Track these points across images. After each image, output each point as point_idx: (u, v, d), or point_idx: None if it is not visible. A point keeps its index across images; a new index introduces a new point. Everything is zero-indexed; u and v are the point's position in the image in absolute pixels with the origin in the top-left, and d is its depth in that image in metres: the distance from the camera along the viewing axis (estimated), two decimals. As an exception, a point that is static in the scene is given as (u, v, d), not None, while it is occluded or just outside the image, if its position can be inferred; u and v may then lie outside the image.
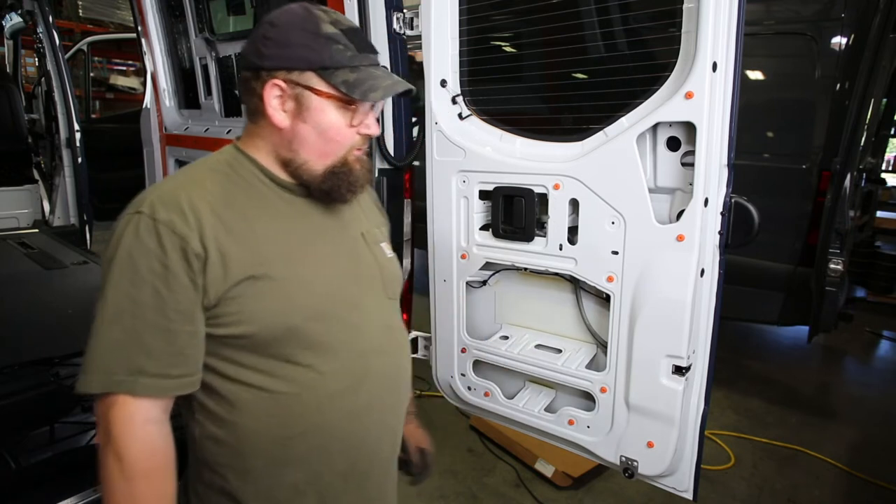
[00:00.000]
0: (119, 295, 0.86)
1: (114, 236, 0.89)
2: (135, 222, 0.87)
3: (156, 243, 0.86)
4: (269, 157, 1.00)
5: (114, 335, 0.86)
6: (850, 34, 3.18)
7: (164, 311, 0.86)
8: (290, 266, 0.96)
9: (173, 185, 0.94)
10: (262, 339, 0.92)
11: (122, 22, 6.99)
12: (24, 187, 4.46)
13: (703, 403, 1.40)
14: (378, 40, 1.68)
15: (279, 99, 0.95)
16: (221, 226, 0.91)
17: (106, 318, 0.86)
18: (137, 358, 0.86)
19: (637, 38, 1.43)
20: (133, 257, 0.86)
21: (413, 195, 1.89)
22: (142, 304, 0.86)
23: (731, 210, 1.29)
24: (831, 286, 3.06)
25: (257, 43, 0.96)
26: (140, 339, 0.86)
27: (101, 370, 0.86)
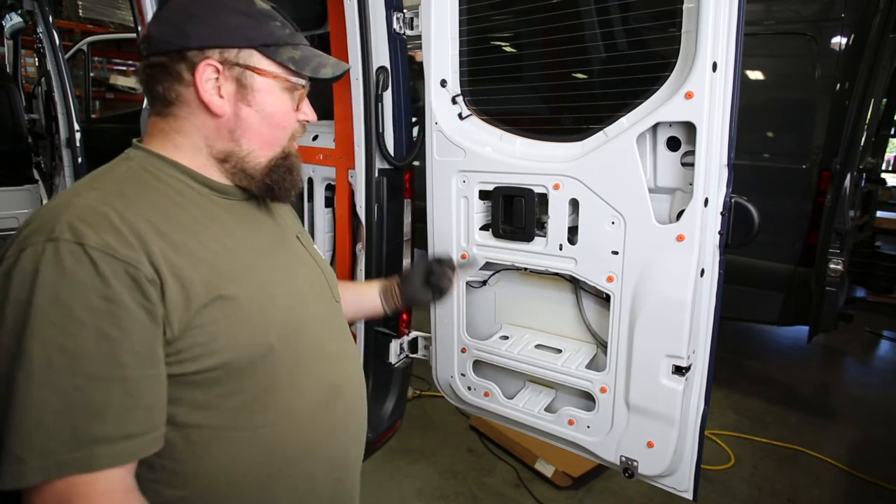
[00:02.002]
0: (46, 350, 0.66)
1: (14, 274, 0.68)
2: (51, 253, 0.68)
3: (91, 274, 0.68)
4: (198, 155, 0.86)
5: (47, 403, 0.65)
6: (850, 34, 3.18)
7: (115, 356, 0.68)
8: (252, 280, 0.84)
9: (89, 199, 0.74)
10: (236, 368, 0.80)
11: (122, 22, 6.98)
12: (24, 187, 4.47)
13: (703, 403, 1.40)
14: (378, 40, 1.68)
15: (214, 82, 0.82)
16: (166, 243, 0.75)
17: (32, 383, 0.65)
18: (87, 424, 0.67)
19: (637, 38, 1.43)
20: (60, 298, 0.67)
21: (413, 195, 1.89)
22: (82, 356, 0.67)
23: (731, 210, 1.29)
24: (831, 286, 3.06)
25: (175, 20, 0.82)
26: (86, 399, 0.67)
27: (36, 453, 0.65)
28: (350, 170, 1.83)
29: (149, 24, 0.85)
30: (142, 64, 0.85)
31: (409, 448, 2.98)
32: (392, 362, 1.92)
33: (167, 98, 0.84)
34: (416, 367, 2.02)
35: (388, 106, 1.72)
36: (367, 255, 1.81)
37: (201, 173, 0.86)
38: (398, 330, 1.90)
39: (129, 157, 0.85)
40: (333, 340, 0.98)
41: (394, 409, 1.94)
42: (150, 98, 0.86)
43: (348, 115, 1.76)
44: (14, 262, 0.69)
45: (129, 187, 0.79)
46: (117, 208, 0.74)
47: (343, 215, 1.94)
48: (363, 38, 1.65)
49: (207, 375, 0.78)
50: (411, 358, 1.97)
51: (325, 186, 2.03)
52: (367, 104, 1.70)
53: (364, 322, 1.86)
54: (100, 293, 0.68)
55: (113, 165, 0.84)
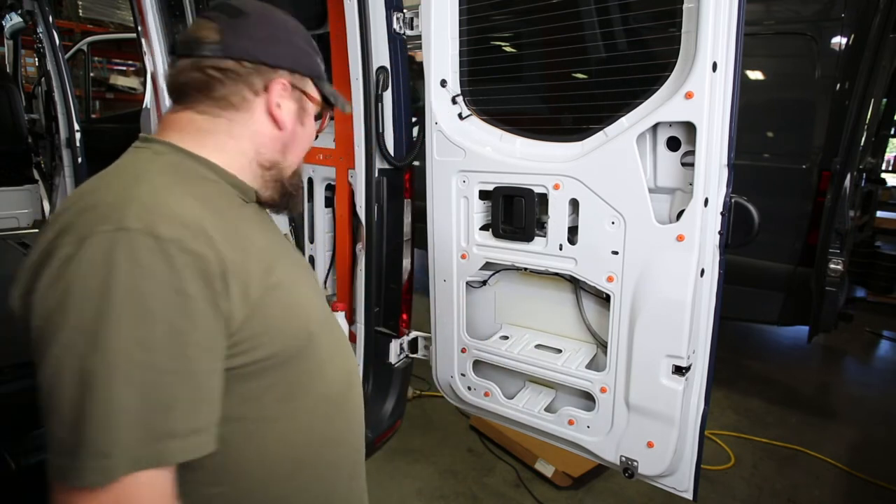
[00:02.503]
0: (126, 343, 0.65)
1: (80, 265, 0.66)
2: (126, 244, 0.66)
3: (165, 266, 0.67)
4: (240, 158, 0.89)
5: (127, 397, 0.64)
6: (850, 34, 3.18)
7: (185, 351, 0.69)
8: (286, 272, 0.88)
9: (147, 191, 0.74)
10: (283, 357, 0.83)
11: (122, 22, 6.98)
12: (24, 187, 4.47)
13: (703, 403, 1.40)
14: (378, 40, 1.68)
15: (283, 99, 0.91)
16: (223, 237, 0.76)
17: (114, 376, 0.64)
18: (163, 418, 0.67)
19: (637, 38, 1.43)
20: (137, 289, 0.66)
21: (413, 195, 1.89)
22: (156, 349, 0.66)
23: (731, 210, 1.29)
24: (831, 286, 3.06)
25: (258, 36, 0.88)
26: (159, 393, 0.67)
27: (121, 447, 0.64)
28: (350, 170, 1.83)
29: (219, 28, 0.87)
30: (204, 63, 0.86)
31: (409, 448, 2.98)
32: (392, 362, 1.92)
33: (230, 101, 0.87)
34: (416, 367, 2.02)
35: (388, 106, 1.73)
36: (367, 255, 1.81)
37: (234, 174, 0.89)
38: (398, 330, 1.90)
39: (159, 151, 0.84)
40: (336, 334, 1.02)
41: (394, 409, 1.94)
42: (197, 96, 0.87)
43: (348, 116, 1.76)
44: (75, 250, 0.67)
45: (177, 181, 0.79)
46: (179, 201, 0.74)
47: (343, 215, 1.94)
48: (363, 38, 1.65)
49: (258, 366, 0.80)
50: (411, 358, 1.97)
51: (325, 186, 2.03)
52: (367, 104, 1.70)
53: (364, 322, 1.86)
54: (173, 286, 0.68)
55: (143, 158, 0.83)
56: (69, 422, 0.64)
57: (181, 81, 0.88)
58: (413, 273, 1.97)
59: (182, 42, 0.88)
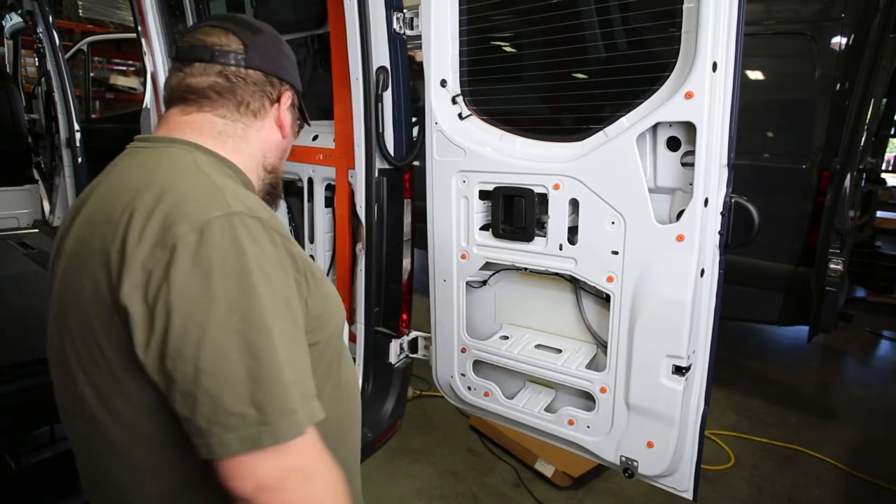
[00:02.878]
0: (271, 315, 0.72)
1: (215, 249, 0.71)
2: (244, 225, 0.73)
3: (271, 245, 0.75)
4: (251, 161, 0.96)
5: (287, 365, 0.72)
6: (850, 34, 3.18)
7: (296, 321, 0.77)
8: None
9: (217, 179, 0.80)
10: (324, 343, 0.88)
11: (122, 22, 6.98)
12: (24, 187, 4.47)
13: (703, 403, 1.40)
14: (378, 40, 1.68)
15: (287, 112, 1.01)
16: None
17: (274, 346, 0.71)
18: (306, 381, 0.75)
19: (637, 38, 1.43)
20: (263, 266, 0.72)
21: (413, 195, 1.89)
22: (284, 320, 0.74)
23: (731, 210, 1.29)
24: (831, 286, 3.06)
25: (271, 51, 0.98)
26: (298, 359, 0.75)
27: (299, 404, 0.71)
28: (350, 170, 1.83)
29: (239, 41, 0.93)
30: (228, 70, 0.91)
31: (409, 448, 2.98)
32: (392, 362, 1.92)
33: (251, 107, 0.95)
34: (416, 367, 2.02)
35: (388, 106, 1.72)
36: (367, 255, 1.81)
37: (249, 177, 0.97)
38: (398, 330, 1.90)
39: (189, 150, 0.86)
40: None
41: (394, 409, 1.94)
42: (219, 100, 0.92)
43: (348, 115, 1.76)
44: (199, 237, 0.70)
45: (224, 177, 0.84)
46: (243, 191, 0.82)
47: (343, 215, 1.94)
48: (363, 38, 1.65)
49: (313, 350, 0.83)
50: (411, 358, 1.97)
51: (325, 186, 2.03)
52: (367, 104, 1.70)
53: (364, 322, 1.86)
54: (280, 263, 0.76)
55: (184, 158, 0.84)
56: (248, 392, 0.68)
57: (200, 85, 0.91)
58: (413, 273, 1.97)
59: (197, 47, 0.91)
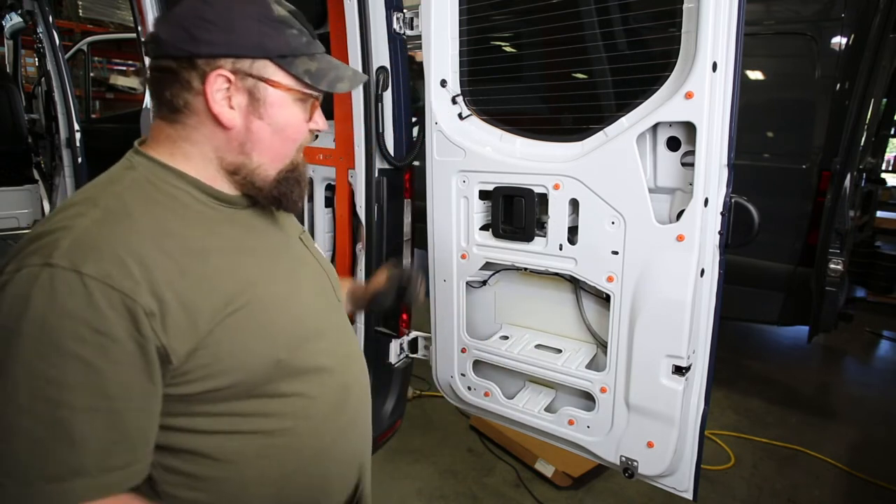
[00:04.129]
0: (32, 379, 0.64)
1: (5, 296, 0.66)
2: (45, 279, 0.65)
3: (84, 304, 0.65)
4: (208, 166, 0.82)
5: (28, 431, 0.64)
6: (850, 34, 3.18)
7: (101, 388, 0.66)
8: (258, 296, 0.82)
9: (91, 220, 0.71)
10: (246, 385, 0.79)
11: (122, 22, 6.98)
12: (24, 187, 4.47)
13: (703, 403, 1.40)
14: (378, 40, 1.68)
15: (225, 93, 0.78)
16: (173, 266, 0.72)
17: (13, 410, 0.64)
18: (67, 456, 0.65)
19: (637, 38, 1.43)
20: (50, 326, 0.64)
21: (413, 195, 1.89)
22: (68, 387, 0.65)
23: (731, 210, 1.29)
24: (831, 286, 3.06)
25: (186, 24, 0.77)
26: (67, 430, 0.65)
27: (16, 480, 0.64)
28: (350, 170, 1.83)
29: (156, 23, 0.82)
30: (148, 65, 0.81)
31: (409, 448, 2.98)
32: (392, 362, 1.92)
33: (175, 105, 0.80)
34: (416, 367, 2.02)
35: (388, 106, 1.73)
36: (367, 255, 1.81)
37: (210, 185, 0.83)
38: (398, 330, 1.90)
39: (133, 165, 0.80)
40: (340, 342, 0.97)
41: (394, 409, 1.94)
42: (156, 101, 0.82)
43: (348, 115, 1.76)
44: (8, 281, 0.67)
45: (135, 204, 0.75)
46: (122, 232, 0.71)
47: (343, 215, 1.94)
48: (363, 38, 1.65)
49: (216, 394, 0.77)
50: (411, 358, 1.97)
51: (325, 186, 2.03)
52: (367, 104, 1.70)
53: (364, 322, 1.86)
54: (91, 325, 0.66)
55: (116, 175, 0.80)
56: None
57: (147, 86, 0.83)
58: (413, 273, 1.97)
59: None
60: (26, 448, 0.64)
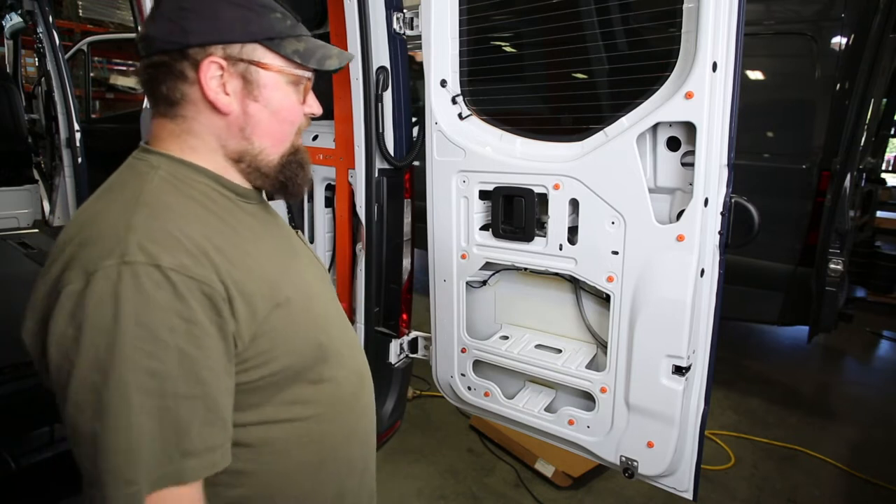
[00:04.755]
0: (138, 375, 0.66)
1: (89, 300, 0.67)
2: (129, 277, 0.67)
3: (171, 296, 0.68)
4: (215, 157, 0.84)
5: (144, 426, 0.67)
6: (850, 34, 3.18)
7: (196, 375, 0.70)
8: (293, 283, 0.87)
9: (146, 217, 0.73)
10: (294, 369, 0.84)
11: (122, 22, 6.98)
12: (24, 187, 4.47)
13: (703, 403, 1.40)
14: (378, 40, 1.68)
15: (219, 79, 0.80)
16: (225, 258, 0.76)
17: (129, 407, 0.66)
18: (178, 440, 0.69)
19: (637, 38, 1.43)
20: (145, 322, 0.67)
21: (413, 195, 1.89)
22: (169, 377, 0.68)
23: (731, 210, 1.29)
24: (831, 286, 3.06)
25: (174, 17, 0.78)
26: (177, 417, 0.69)
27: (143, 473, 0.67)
28: (350, 170, 1.83)
29: (146, 23, 0.82)
30: (141, 64, 0.83)
31: (409, 448, 2.98)
32: (392, 362, 1.92)
33: (172, 98, 0.81)
34: (416, 367, 2.02)
35: (388, 106, 1.73)
36: (367, 255, 1.81)
37: (225, 177, 0.85)
38: (398, 330, 1.90)
39: (155, 165, 0.81)
40: (346, 332, 1.01)
41: (394, 409, 1.94)
42: (153, 99, 0.84)
43: (348, 115, 1.76)
44: (85, 286, 0.68)
45: (174, 201, 0.77)
46: (179, 226, 0.74)
47: (343, 215, 1.94)
48: (363, 38, 1.65)
49: (272, 379, 0.81)
50: (411, 358, 1.97)
51: (325, 186, 2.03)
52: (367, 104, 1.70)
53: (364, 322, 1.86)
54: (179, 314, 0.69)
55: (141, 174, 0.80)
56: (90, 455, 0.67)
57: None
58: (413, 273, 1.97)
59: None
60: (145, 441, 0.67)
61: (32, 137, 4.58)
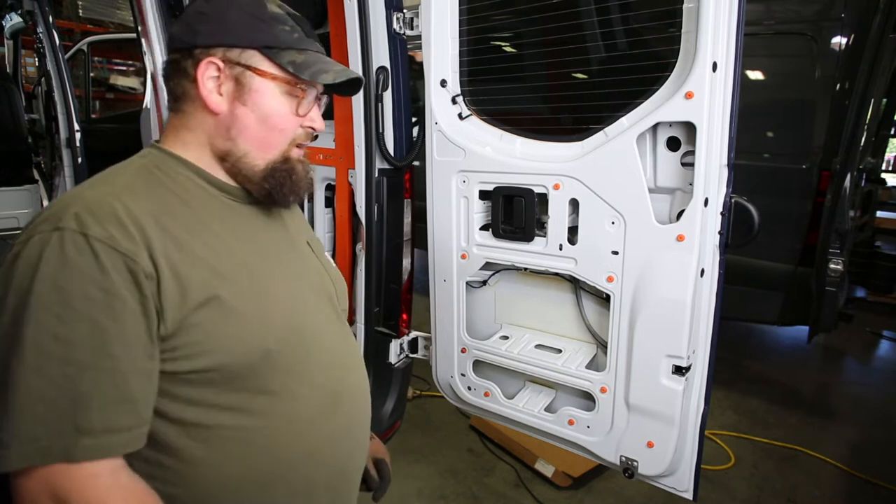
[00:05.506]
0: (42, 336, 0.67)
1: (19, 261, 0.70)
2: (55, 242, 0.69)
3: (91, 264, 0.69)
4: (203, 152, 0.88)
5: (38, 390, 0.66)
6: (850, 34, 3.18)
7: (106, 347, 0.69)
8: (252, 282, 0.84)
9: (99, 192, 0.76)
10: (232, 371, 0.80)
11: (122, 22, 6.99)
12: (25, 187, 4.47)
13: (703, 403, 1.40)
14: (378, 40, 1.68)
15: (215, 80, 0.84)
16: (169, 240, 0.76)
17: (24, 368, 0.66)
18: (73, 414, 0.67)
19: (637, 37, 1.43)
20: (60, 286, 0.68)
21: (413, 195, 1.89)
22: (76, 344, 0.68)
23: (731, 210, 1.29)
24: (831, 286, 3.06)
25: (189, 19, 0.86)
26: (76, 388, 0.67)
27: (21, 438, 0.66)
28: (350, 170, 1.83)
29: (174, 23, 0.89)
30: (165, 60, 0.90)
31: (409, 448, 2.98)
32: (392, 362, 1.92)
33: (176, 93, 0.88)
34: (416, 367, 2.02)
35: (388, 106, 1.73)
36: (367, 255, 1.81)
37: (208, 171, 0.88)
38: (398, 330, 1.90)
39: (144, 154, 0.88)
40: (334, 349, 0.97)
41: (394, 409, 1.94)
42: (167, 94, 0.90)
43: (348, 115, 1.76)
44: (21, 249, 0.71)
45: (139, 183, 0.81)
46: (124, 202, 0.75)
47: (343, 215, 1.94)
48: (363, 38, 1.65)
49: (203, 375, 0.78)
50: (411, 358, 1.97)
51: (325, 186, 2.03)
52: (367, 104, 1.70)
53: (364, 322, 1.86)
54: (98, 284, 0.69)
55: (128, 162, 0.87)
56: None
57: None
58: (413, 273, 1.97)
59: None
60: (34, 406, 0.66)
61: (32, 137, 4.59)
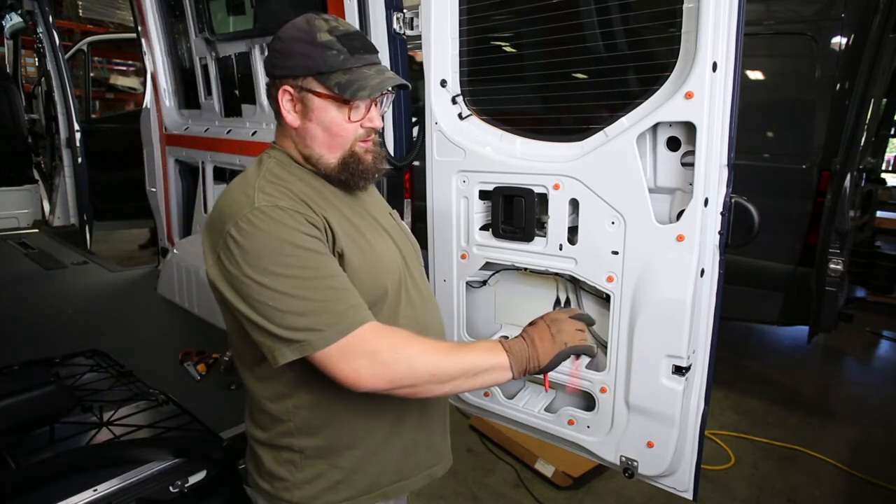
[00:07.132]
0: (292, 269, 0.97)
1: (242, 237, 0.98)
2: (260, 214, 0.98)
3: (291, 220, 0.99)
4: (297, 154, 1.14)
5: (298, 303, 0.96)
6: (850, 34, 3.18)
7: (328, 264, 1.01)
8: (367, 239, 1.12)
9: (265, 182, 1.06)
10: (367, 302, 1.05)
11: (122, 22, 6.99)
12: (24, 187, 4.48)
13: (703, 403, 1.40)
14: (378, 40, 1.68)
15: (290, 102, 1.10)
16: (316, 204, 1.06)
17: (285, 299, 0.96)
18: (345, 298, 0.99)
19: (637, 37, 1.43)
20: (281, 237, 0.97)
21: (413, 195, 1.89)
22: (314, 266, 0.99)
23: (731, 210, 1.29)
24: (831, 286, 3.07)
25: (271, 55, 1.12)
26: (328, 286, 0.99)
27: (322, 324, 0.96)
28: (350, 170, 1.83)
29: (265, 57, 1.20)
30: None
31: (409, 448, 2.98)
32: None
33: (274, 110, 1.14)
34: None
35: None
36: (367, 255, 1.81)
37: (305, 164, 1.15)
38: (398, 330, 1.90)
39: (270, 154, 1.15)
40: (420, 292, 1.24)
41: (394, 409, 1.94)
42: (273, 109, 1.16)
43: (348, 115, 1.76)
44: (233, 230, 0.99)
45: (281, 173, 1.10)
46: (285, 184, 1.07)
47: (343, 215, 1.94)
48: (363, 38, 1.65)
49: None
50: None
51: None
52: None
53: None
54: (301, 230, 1.00)
55: (262, 160, 1.14)
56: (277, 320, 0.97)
57: None
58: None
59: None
60: (318, 304, 0.97)
61: (32, 137, 4.58)
